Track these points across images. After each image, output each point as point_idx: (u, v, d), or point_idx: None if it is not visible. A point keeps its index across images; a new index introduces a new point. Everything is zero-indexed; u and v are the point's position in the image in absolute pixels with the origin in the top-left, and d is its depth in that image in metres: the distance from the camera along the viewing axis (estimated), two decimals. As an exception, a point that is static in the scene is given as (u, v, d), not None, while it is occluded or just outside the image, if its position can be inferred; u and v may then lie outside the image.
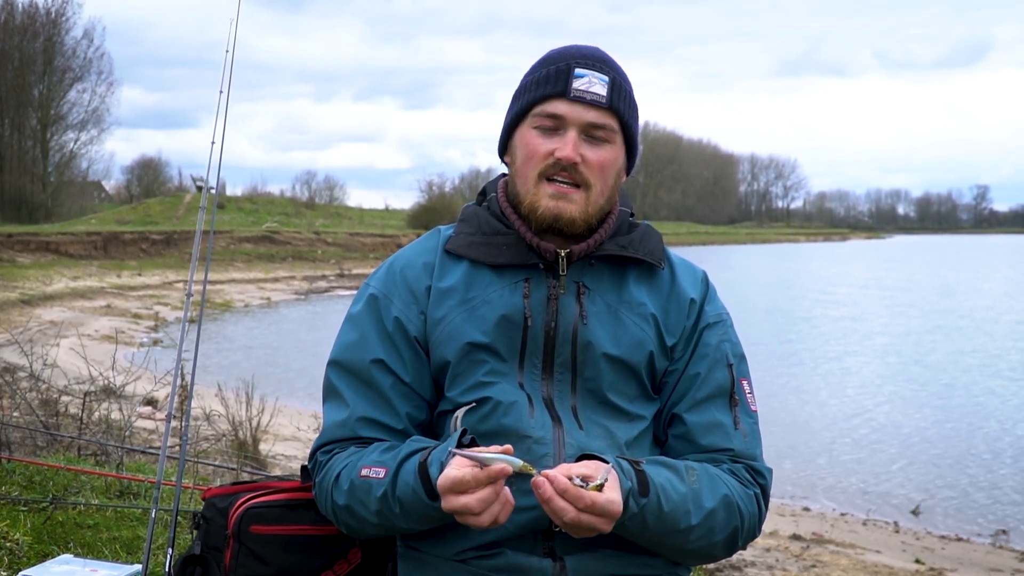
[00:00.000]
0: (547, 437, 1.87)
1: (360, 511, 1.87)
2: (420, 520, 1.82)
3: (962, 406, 15.56)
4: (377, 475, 1.83)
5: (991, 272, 55.45)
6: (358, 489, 1.86)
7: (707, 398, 1.97)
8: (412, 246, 2.06)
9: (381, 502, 1.83)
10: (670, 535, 1.81)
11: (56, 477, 5.26)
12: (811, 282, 45.03)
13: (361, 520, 1.89)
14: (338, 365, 2.00)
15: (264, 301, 32.86)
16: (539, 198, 1.91)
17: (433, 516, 1.78)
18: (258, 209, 56.59)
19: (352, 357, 1.98)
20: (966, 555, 8.61)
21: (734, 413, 1.97)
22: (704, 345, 2.00)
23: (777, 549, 8.13)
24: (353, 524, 1.92)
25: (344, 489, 1.89)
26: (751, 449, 1.97)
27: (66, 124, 50.63)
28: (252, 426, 8.42)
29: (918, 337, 24.49)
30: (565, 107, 1.90)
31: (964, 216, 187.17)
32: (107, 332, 19.44)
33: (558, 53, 1.97)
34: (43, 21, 48.57)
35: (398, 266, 2.02)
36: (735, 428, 1.96)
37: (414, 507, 1.79)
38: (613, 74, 1.94)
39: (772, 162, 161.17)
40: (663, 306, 2.00)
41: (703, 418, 1.96)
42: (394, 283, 2.00)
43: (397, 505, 1.81)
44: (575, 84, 1.90)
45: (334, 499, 1.91)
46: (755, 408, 2.02)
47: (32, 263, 32.94)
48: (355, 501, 1.87)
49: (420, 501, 1.77)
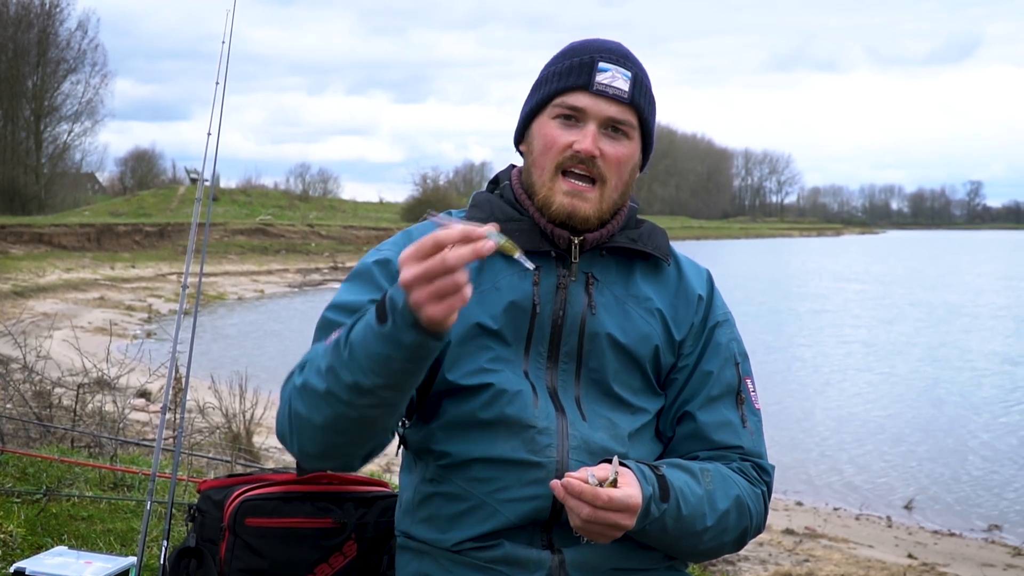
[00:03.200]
0: (551, 428, 1.85)
1: (312, 381, 1.69)
2: (367, 363, 1.61)
3: (954, 401, 15.59)
4: (337, 334, 1.70)
5: (983, 267, 55.54)
6: (317, 356, 1.72)
7: (718, 396, 1.98)
8: (425, 224, 2.00)
9: (333, 352, 1.66)
10: (685, 537, 1.83)
11: (50, 469, 5.25)
12: (805, 277, 45.08)
13: (309, 400, 1.70)
14: (338, 306, 1.89)
15: (258, 293, 32.82)
16: (554, 193, 1.90)
17: (380, 354, 1.59)
18: (252, 201, 56.49)
19: (358, 299, 1.87)
20: (958, 550, 8.63)
21: (741, 411, 1.99)
22: (715, 344, 2.01)
23: (770, 544, 8.15)
24: (303, 412, 1.72)
25: (305, 367, 1.74)
26: (757, 447, 2.00)
27: (60, 115, 50.48)
28: (246, 419, 8.41)
29: (910, 332, 24.53)
30: (587, 100, 1.89)
31: (957, 212, 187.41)
32: (100, 324, 19.40)
33: (582, 45, 1.96)
34: (37, 12, 48.38)
35: (416, 235, 1.97)
36: (743, 426, 1.98)
37: (363, 344, 1.61)
38: (635, 70, 1.93)
39: (766, 157, 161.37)
40: (671, 302, 2.00)
41: (715, 417, 1.97)
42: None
43: (347, 349, 1.63)
44: (598, 78, 1.89)
45: (293, 386, 1.76)
46: (758, 406, 2.05)
47: (25, 255, 32.89)
48: (311, 372, 1.71)
49: (370, 331, 1.60)
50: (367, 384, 1.63)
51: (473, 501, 1.85)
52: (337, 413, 1.68)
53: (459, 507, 1.86)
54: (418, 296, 1.53)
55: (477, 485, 1.85)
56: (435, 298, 1.52)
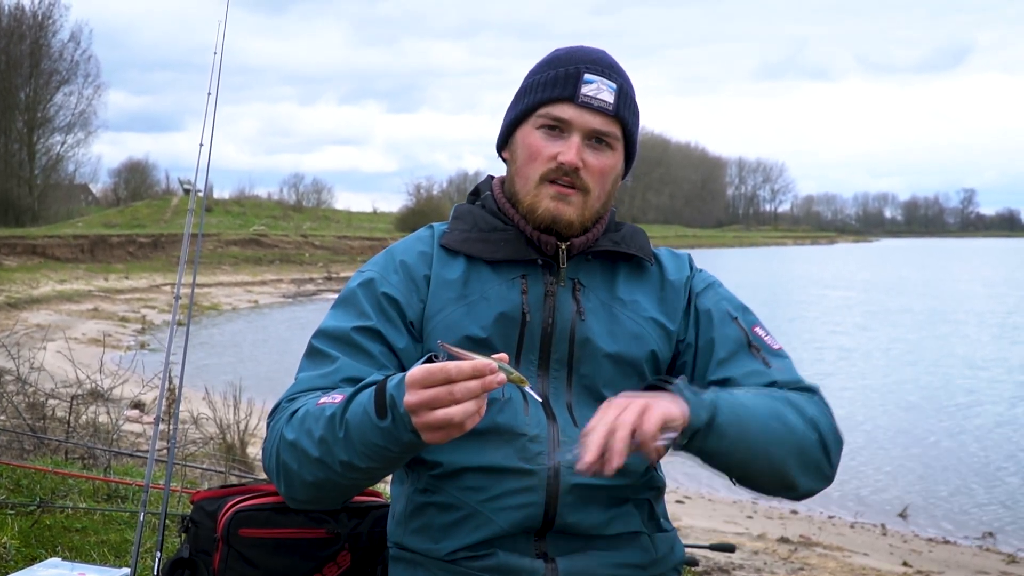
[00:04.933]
0: (542, 435, 1.85)
1: (304, 443, 1.69)
2: (362, 449, 1.62)
3: (949, 409, 15.60)
4: (333, 400, 1.69)
5: (975, 274, 55.64)
6: (309, 416, 1.71)
7: (728, 357, 1.94)
8: (408, 239, 2.03)
9: (327, 426, 1.66)
10: (763, 430, 1.75)
11: (43, 481, 5.24)
12: (797, 284, 45.12)
13: (301, 458, 1.70)
14: (325, 334, 1.89)
15: (251, 304, 32.77)
16: (540, 199, 1.90)
17: (377, 445, 1.60)
18: (245, 212, 56.48)
19: (343, 326, 1.88)
20: (953, 558, 8.63)
21: (761, 357, 1.94)
22: (704, 312, 1.99)
23: (765, 552, 8.14)
24: (293, 467, 1.73)
25: (297, 421, 1.73)
26: (792, 375, 1.93)
27: (53, 127, 50.43)
28: (240, 429, 8.39)
29: (904, 339, 24.55)
30: (572, 112, 1.89)
31: (951, 220, 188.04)
32: (94, 335, 19.35)
33: (567, 55, 1.95)
34: (30, 24, 48.33)
35: (397, 253, 1.98)
36: (768, 368, 1.92)
37: (360, 429, 1.61)
38: (620, 81, 1.93)
39: (760, 165, 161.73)
40: (658, 298, 2.00)
41: (734, 371, 1.92)
42: (394, 268, 1.95)
43: (343, 429, 1.63)
44: (583, 90, 1.89)
45: (283, 436, 1.75)
46: (778, 346, 1.98)
47: (19, 266, 32.83)
48: (302, 432, 1.70)
49: (368, 420, 1.59)
50: (360, 465, 1.65)
51: (466, 510, 1.85)
52: (327, 477, 1.71)
53: (452, 516, 1.86)
54: (418, 421, 1.52)
55: (469, 494, 1.85)
56: (433, 427, 1.52)
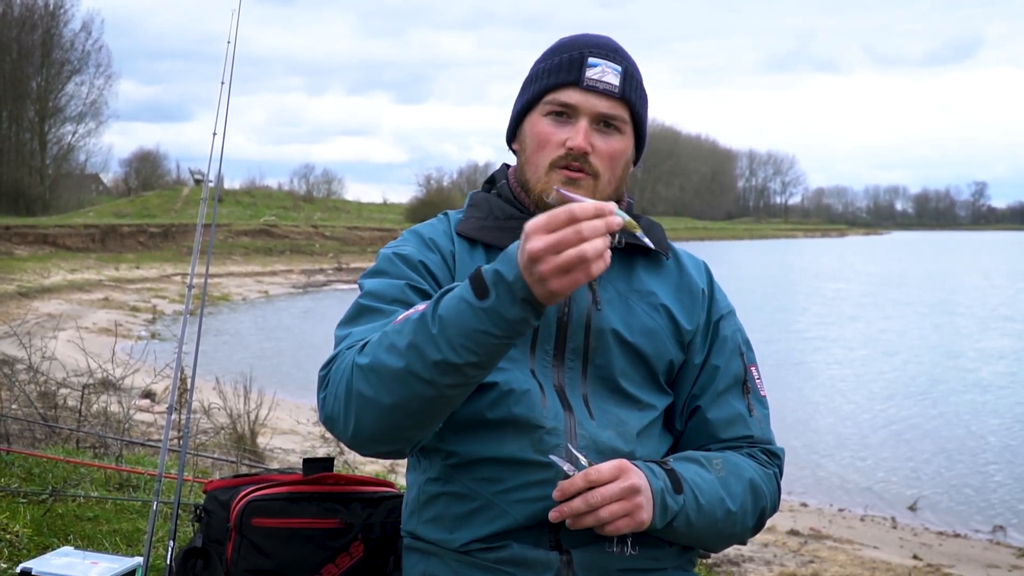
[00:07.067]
0: (559, 428, 1.84)
1: (384, 359, 1.62)
2: (461, 340, 1.55)
3: (959, 402, 15.57)
4: (417, 310, 1.64)
5: (988, 267, 55.42)
6: (389, 333, 1.64)
7: (725, 389, 1.99)
8: (427, 223, 2.03)
9: (416, 328, 1.59)
10: (710, 527, 1.85)
11: (55, 469, 5.25)
12: (807, 278, 45.02)
13: (381, 377, 1.63)
14: (374, 294, 1.85)
15: (262, 294, 32.85)
16: (550, 186, 1.89)
17: (478, 331, 1.54)
18: (256, 202, 56.51)
19: (395, 282, 1.86)
20: (963, 551, 8.62)
21: (747, 400, 2.01)
22: (722, 338, 2.02)
23: (775, 544, 8.14)
24: (368, 393, 1.64)
25: (372, 345, 1.66)
26: (766, 433, 2.02)
27: (64, 117, 50.63)
28: (250, 419, 8.42)
29: (915, 332, 24.49)
30: (578, 96, 1.89)
31: (962, 213, 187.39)
32: (105, 325, 19.41)
33: (571, 41, 1.96)
34: (41, 13, 48.49)
35: (424, 231, 1.99)
36: (750, 415, 2.00)
37: (458, 318, 1.55)
38: (625, 64, 1.93)
39: (770, 158, 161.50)
40: (674, 295, 2.00)
41: (723, 412, 1.98)
42: (423, 243, 1.95)
43: (436, 324, 1.57)
44: (588, 73, 1.89)
45: (355, 364, 1.67)
46: (764, 393, 2.06)
47: (30, 255, 32.93)
48: (382, 349, 1.63)
49: (466, 307, 1.54)
50: (456, 361, 1.57)
51: (480, 501, 1.84)
52: (412, 392, 1.62)
53: (466, 507, 1.85)
54: (545, 268, 1.49)
55: (484, 485, 1.84)
56: (562, 271, 1.49)
